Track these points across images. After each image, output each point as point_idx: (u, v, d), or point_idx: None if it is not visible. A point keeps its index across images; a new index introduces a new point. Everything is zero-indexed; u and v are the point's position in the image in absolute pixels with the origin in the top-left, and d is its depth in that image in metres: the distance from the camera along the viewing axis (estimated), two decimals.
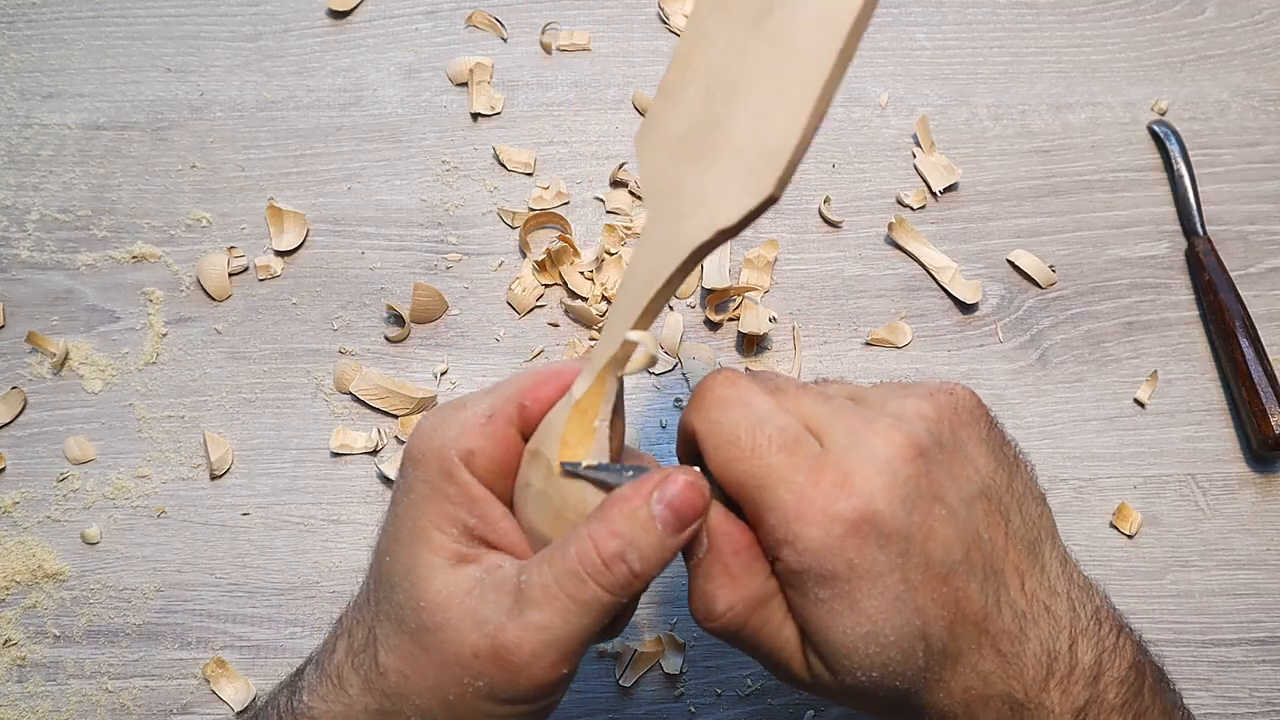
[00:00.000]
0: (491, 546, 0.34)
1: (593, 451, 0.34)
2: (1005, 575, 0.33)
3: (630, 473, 0.33)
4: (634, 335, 0.33)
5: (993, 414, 0.37)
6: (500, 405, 0.34)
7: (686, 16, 0.65)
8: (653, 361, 0.33)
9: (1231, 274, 0.58)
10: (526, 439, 0.35)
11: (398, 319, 0.58)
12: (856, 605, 0.32)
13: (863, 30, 0.28)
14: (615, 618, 0.34)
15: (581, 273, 0.58)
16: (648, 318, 0.33)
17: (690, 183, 0.31)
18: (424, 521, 0.33)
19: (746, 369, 0.57)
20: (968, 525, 0.33)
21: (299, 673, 0.37)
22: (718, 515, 0.34)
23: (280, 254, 0.59)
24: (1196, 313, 0.59)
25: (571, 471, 0.33)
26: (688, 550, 0.34)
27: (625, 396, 0.56)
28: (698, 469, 0.34)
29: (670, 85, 0.33)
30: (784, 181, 0.29)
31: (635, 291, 0.33)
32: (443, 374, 0.57)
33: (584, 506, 0.33)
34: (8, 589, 0.52)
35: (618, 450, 0.35)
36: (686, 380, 0.57)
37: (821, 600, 0.32)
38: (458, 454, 0.33)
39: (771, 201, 0.30)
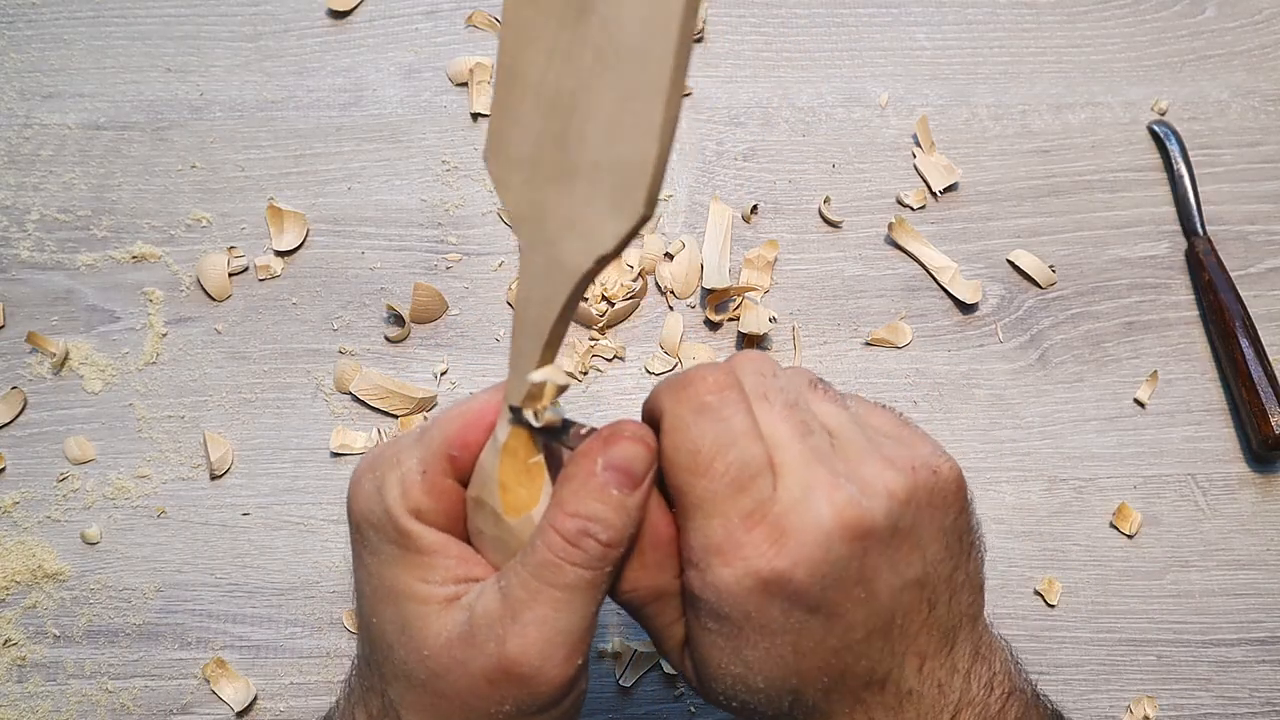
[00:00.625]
0: (477, 578, 0.33)
1: (541, 492, 0.33)
2: (905, 658, 0.33)
3: (585, 430, 0.33)
4: (538, 376, 0.31)
5: (969, 498, 0.35)
6: (431, 460, 0.33)
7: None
8: (564, 390, 0.32)
9: (1231, 274, 0.58)
10: (464, 482, 0.34)
11: (398, 319, 0.58)
12: (738, 650, 0.32)
13: (693, 26, 0.26)
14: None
15: None
16: (550, 351, 0.32)
17: (556, 206, 0.29)
18: (405, 578, 0.33)
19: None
20: (883, 611, 0.32)
21: None
22: (651, 501, 0.33)
23: (280, 254, 0.59)
24: (1196, 313, 0.59)
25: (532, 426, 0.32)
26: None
27: (626, 396, 0.56)
28: (643, 425, 0.33)
29: (504, 101, 0.30)
30: (652, 199, 0.27)
31: (531, 327, 0.31)
32: (443, 374, 0.57)
33: None
34: (8, 589, 0.52)
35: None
36: None
37: (709, 629, 0.32)
38: (407, 512, 0.33)
39: (645, 221, 0.28)
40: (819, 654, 0.32)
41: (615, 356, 0.57)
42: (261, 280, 0.59)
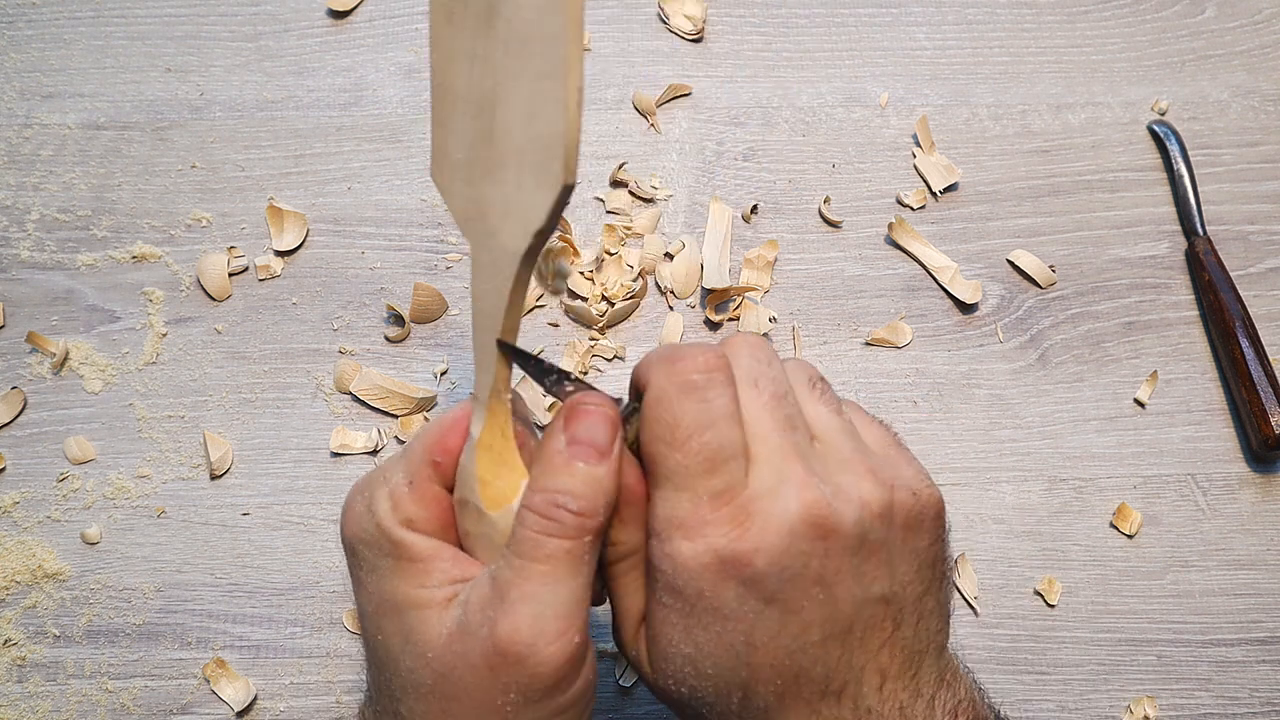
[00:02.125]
0: (471, 577, 0.34)
1: (520, 483, 0.34)
2: (864, 673, 0.32)
3: (570, 387, 0.34)
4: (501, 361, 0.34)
5: (946, 527, 0.35)
6: (416, 469, 0.34)
7: (687, 17, 0.65)
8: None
9: (1231, 274, 0.58)
10: (451, 489, 0.35)
11: (398, 319, 0.58)
12: (690, 630, 0.32)
13: (582, 2, 0.29)
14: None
15: (581, 273, 0.58)
16: (508, 337, 0.34)
17: (492, 198, 0.32)
18: (403, 587, 0.33)
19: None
20: (842, 618, 0.32)
21: None
22: (629, 463, 0.34)
23: (280, 254, 0.59)
24: (1196, 313, 0.59)
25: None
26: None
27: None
28: (604, 394, 0.34)
29: (440, 114, 0.33)
30: (570, 167, 0.29)
31: (487, 319, 0.33)
32: (443, 374, 0.57)
33: None
34: (8, 589, 0.52)
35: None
36: None
37: (664, 604, 0.32)
38: (400, 525, 0.33)
39: (569, 190, 0.30)
40: (772, 649, 0.31)
41: (615, 356, 0.57)
42: (261, 280, 0.59)
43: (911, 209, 0.61)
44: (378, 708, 0.35)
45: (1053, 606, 0.53)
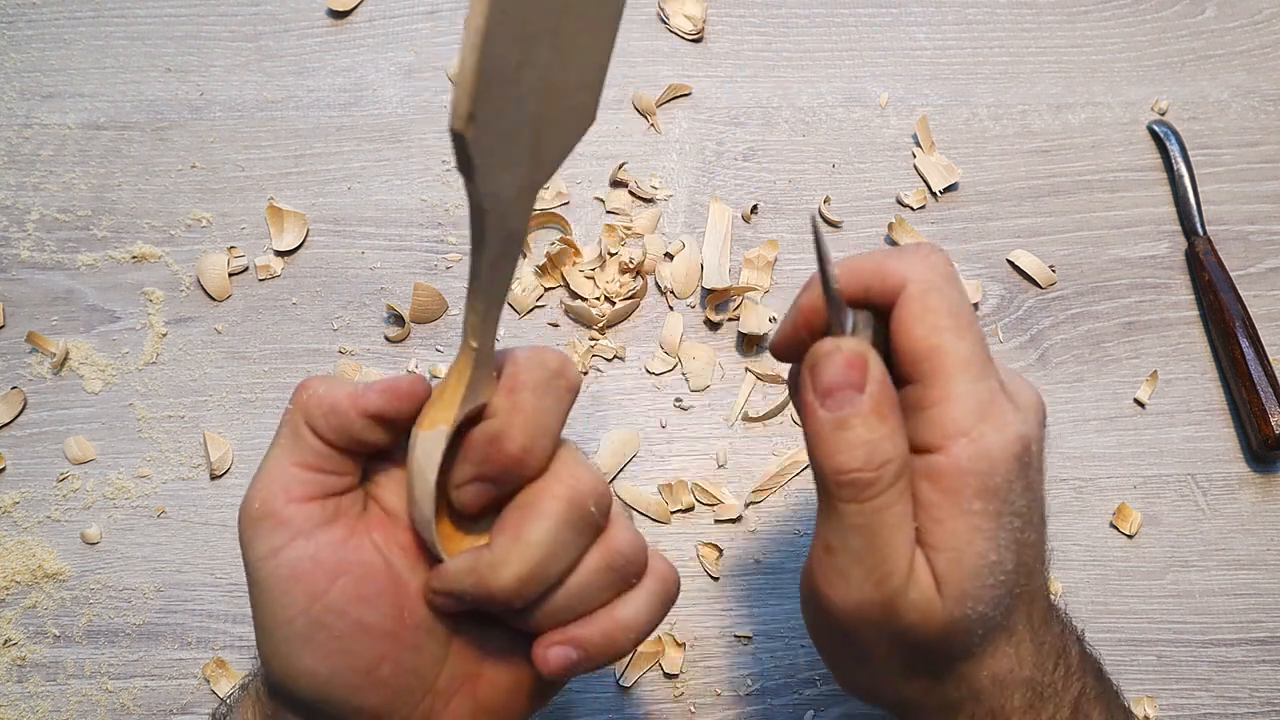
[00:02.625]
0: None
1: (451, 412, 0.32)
2: (1043, 574, 0.34)
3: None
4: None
5: None
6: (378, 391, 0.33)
7: (687, 17, 0.65)
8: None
9: (1231, 274, 0.58)
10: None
11: (398, 319, 0.58)
12: (996, 533, 0.30)
13: None
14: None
15: (582, 272, 0.58)
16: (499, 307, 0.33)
17: (518, 167, 0.31)
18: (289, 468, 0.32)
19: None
20: (1040, 512, 0.33)
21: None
22: (881, 370, 0.31)
23: (280, 254, 0.59)
24: (1196, 313, 0.59)
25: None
26: (826, 397, 0.31)
27: (626, 396, 0.56)
28: (833, 342, 0.31)
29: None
30: (459, 113, 0.26)
31: (496, 292, 0.32)
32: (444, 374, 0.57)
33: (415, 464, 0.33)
34: (8, 589, 0.52)
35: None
36: (686, 380, 0.57)
37: (974, 513, 0.30)
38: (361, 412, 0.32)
39: (456, 136, 0.27)
40: (1031, 546, 0.32)
41: (615, 356, 0.57)
42: (261, 280, 0.59)
43: (911, 209, 0.61)
44: None
45: None
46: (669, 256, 0.59)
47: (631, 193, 0.61)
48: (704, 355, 0.57)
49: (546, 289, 0.58)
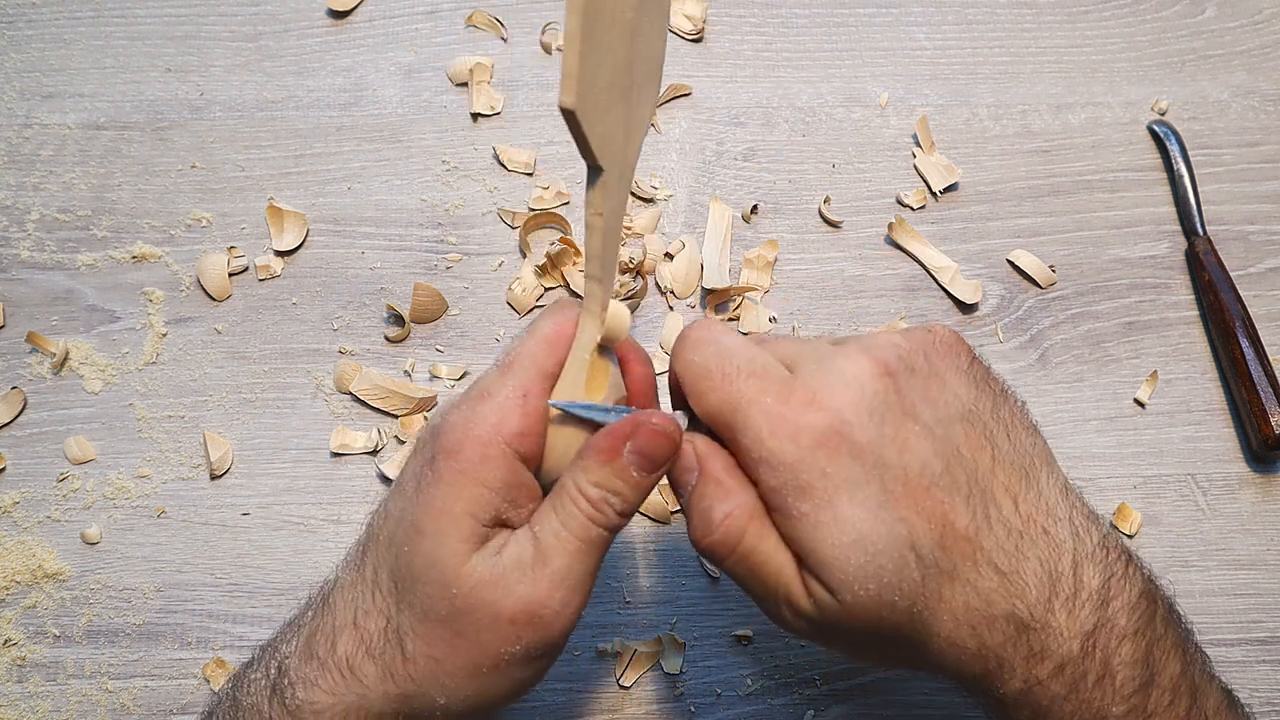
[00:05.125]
0: (510, 525, 0.35)
1: (608, 387, 0.37)
2: (995, 494, 0.34)
3: (613, 414, 0.36)
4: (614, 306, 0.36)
5: (976, 351, 0.37)
6: (530, 383, 0.35)
7: (687, 17, 0.65)
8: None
9: (1231, 274, 0.58)
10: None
11: (398, 319, 0.58)
12: (838, 515, 0.32)
13: None
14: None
15: (582, 272, 0.58)
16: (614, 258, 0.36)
17: (618, 120, 0.35)
18: (457, 509, 0.34)
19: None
20: (946, 442, 0.34)
21: (274, 671, 0.36)
22: (704, 444, 0.36)
23: (280, 254, 0.59)
24: (1196, 313, 0.59)
25: (563, 409, 0.35)
26: (679, 487, 0.36)
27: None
28: (671, 413, 0.37)
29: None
30: (567, 89, 0.30)
31: (613, 234, 0.35)
32: (444, 375, 0.57)
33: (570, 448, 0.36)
34: (8, 589, 0.52)
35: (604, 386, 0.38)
36: None
37: (805, 514, 0.33)
38: (506, 439, 0.34)
39: (566, 113, 0.31)
40: (910, 494, 0.33)
41: None
42: (261, 280, 0.59)
43: (911, 209, 0.61)
44: (367, 606, 0.36)
45: None
46: (669, 256, 0.59)
47: (631, 193, 0.61)
48: None
49: (546, 289, 0.58)
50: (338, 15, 0.65)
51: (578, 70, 0.31)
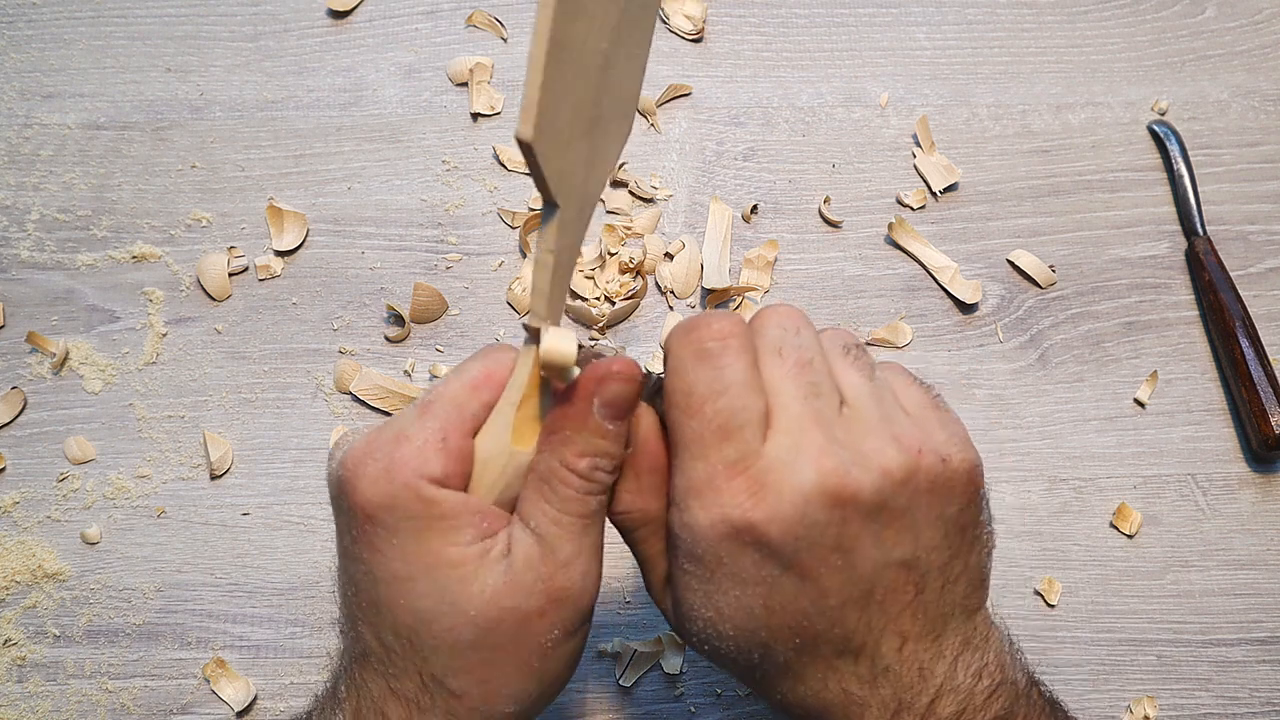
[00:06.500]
0: (495, 531, 0.34)
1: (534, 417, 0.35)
2: (883, 634, 0.33)
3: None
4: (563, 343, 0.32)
5: (981, 493, 0.34)
6: (449, 425, 0.33)
7: (687, 17, 0.65)
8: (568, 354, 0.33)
9: (1231, 274, 0.58)
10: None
11: (398, 319, 0.58)
12: (710, 595, 0.33)
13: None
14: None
15: (582, 272, 0.58)
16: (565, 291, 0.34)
17: (580, 155, 0.33)
18: (436, 546, 0.32)
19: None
20: (861, 582, 0.32)
21: None
22: (650, 429, 0.35)
23: (280, 254, 0.59)
24: (1196, 313, 0.59)
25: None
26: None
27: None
28: (629, 359, 0.34)
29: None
30: (525, 120, 0.28)
31: (564, 270, 0.34)
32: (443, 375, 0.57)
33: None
34: (8, 589, 0.52)
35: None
36: None
37: (685, 570, 0.33)
38: (429, 483, 0.32)
39: (523, 145, 0.29)
40: (790, 613, 0.32)
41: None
42: (261, 280, 0.59)
43: (911, 209, 0.61)
44: (389, 670, 0.34)
45: (1053, 606, 0.53)
46: (669, 256, 0.59)
47: (631, 193, 0.61)
48: None
49: None
50: (338, 15, 0.65)
51: (538, 101, 0.29)
